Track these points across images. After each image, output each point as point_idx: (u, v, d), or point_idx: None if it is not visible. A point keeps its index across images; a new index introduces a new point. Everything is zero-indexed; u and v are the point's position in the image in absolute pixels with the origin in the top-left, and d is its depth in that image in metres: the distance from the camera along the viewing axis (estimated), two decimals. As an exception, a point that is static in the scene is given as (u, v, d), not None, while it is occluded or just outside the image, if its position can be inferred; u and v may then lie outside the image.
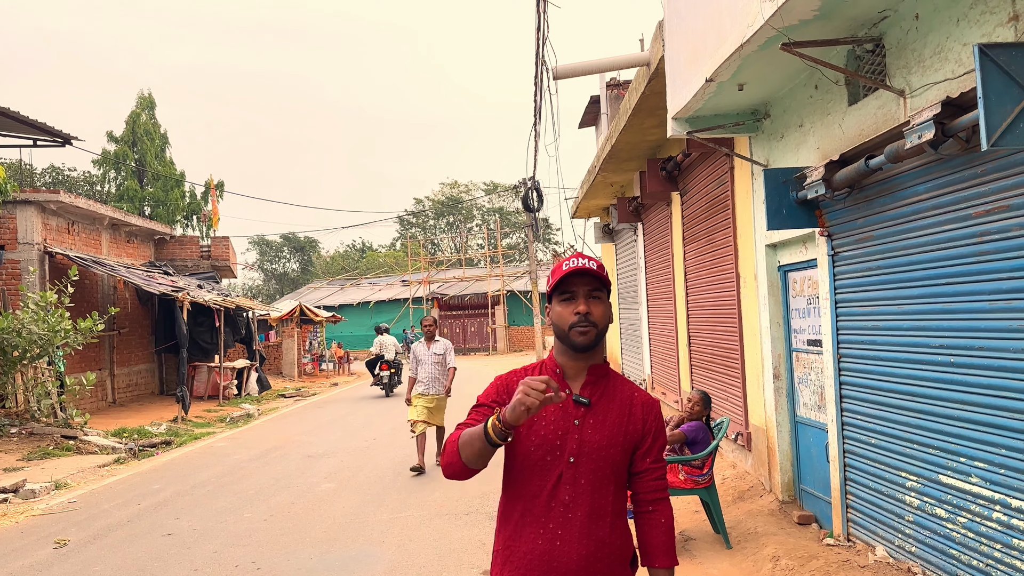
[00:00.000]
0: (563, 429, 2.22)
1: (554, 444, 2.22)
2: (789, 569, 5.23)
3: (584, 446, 2.21)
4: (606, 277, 2.26)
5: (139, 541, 6.99)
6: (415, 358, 9.46)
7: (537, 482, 2.22)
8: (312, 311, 28.55)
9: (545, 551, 2.19)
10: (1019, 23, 3.50)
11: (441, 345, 9.50)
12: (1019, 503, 3.77)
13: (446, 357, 9.48)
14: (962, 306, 4.16)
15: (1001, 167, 3.77)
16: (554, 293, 2.28)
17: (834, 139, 5.36)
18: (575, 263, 2.23)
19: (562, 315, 2.24)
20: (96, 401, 17.15)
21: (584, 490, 2.20)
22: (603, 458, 2.22)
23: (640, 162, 11.40)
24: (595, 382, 2.29)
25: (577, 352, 2.26)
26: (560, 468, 2.20)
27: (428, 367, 9.35)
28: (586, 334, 2.21)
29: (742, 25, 4.61)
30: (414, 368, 9.44)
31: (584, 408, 2.24)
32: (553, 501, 2.20)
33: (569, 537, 2.18)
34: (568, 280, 2.23)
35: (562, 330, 2.25)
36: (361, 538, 6.71)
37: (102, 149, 35.90)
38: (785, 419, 6.80)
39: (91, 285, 17.51)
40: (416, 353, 9.49)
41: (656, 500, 2.34)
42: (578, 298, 2.23)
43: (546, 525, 2.20)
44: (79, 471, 10.45)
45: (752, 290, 7.29)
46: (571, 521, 2.19)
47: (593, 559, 2.19)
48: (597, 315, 2.23)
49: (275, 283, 64.86)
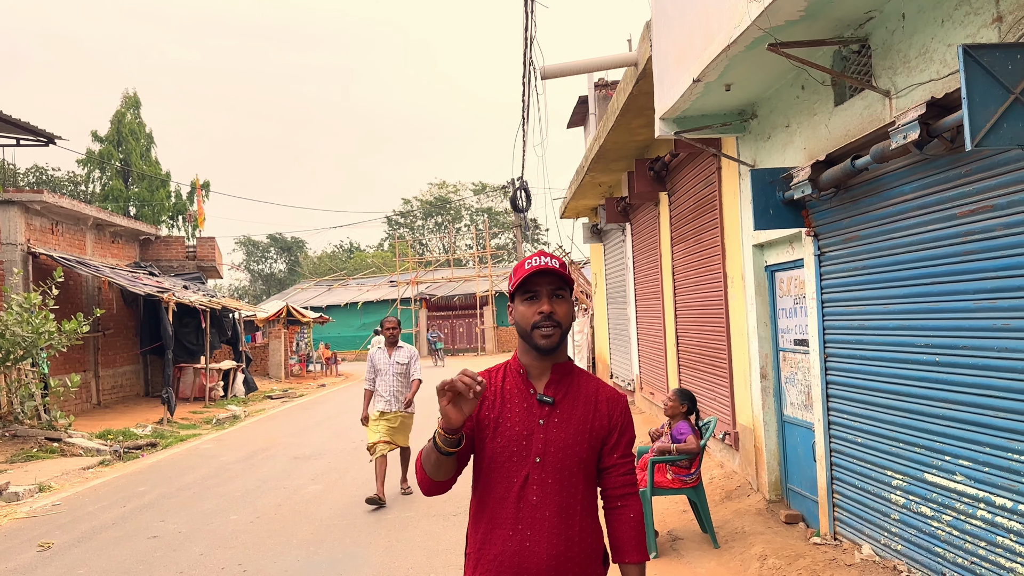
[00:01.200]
0: (528, 429, 2.22)
1: (520, 445, 2.21)
2: (776, 568, 5.25)
3: (550, 445, 2.21)
4: (569, 276, 2.25)
5: (124, 544, 6.93)
6: (373, 367, 8.05)
7: (504, 483, 2.21)
8: (299, 312, 28.44)
9: (515, 552, 2.18)
10: (1003, 24, 3.52)
11: (405, 353, 8.05)
12: (1003, 501, 3.79)
13: (410, 367, 8.05)
14: (947, 305, 4.18)
15: (985, 167, 3.79)
16: (516, 292, 2.26)
17: (820, 139, 5.39)
18: (537, 262, 2.22)
19: (525, 315, 2.23)
20: (81, 403, 17.02)
21: (552, 489, 2.19)
22: (569, 456, 2.21)
23: (628, 162, 11.42)
24: (559, 381, 2.28)
25: (541, 353, 2.25)
26: (527, 469, 2.20)
27: (389, 379, 7.95)
28: (550, 336, 2.21)
29: (729, 25, 4.62)
30: (371, 380, 8.06)
31: (549, 407, 2.24)
32: (521, 502, 2.19)
33: (538, 537, 2.17)
34: (531, 279, 2.22)
35: (525, 330, 2.23)
36: (348, 540, 6.68)
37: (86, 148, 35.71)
38: (772, 419, 6.82)
39: (75, 286, 17.37)
40: (374, 362, 8.05)
41: (625, 495, 2.33)
42: (541, 297, 2.22)
43: (515, 526, 2.19)
44: (63, 473, 10.35)
45: (739, 290, 7.32)
46: (540, 521, 2.18)
47: (563, 558, 2.18)
48: (561, 314, 2.22)
49: (262, 284, 64.59)
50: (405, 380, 8.00)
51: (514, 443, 2.21)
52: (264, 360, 28.30)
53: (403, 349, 8.05)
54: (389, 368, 7.97)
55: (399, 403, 7.92)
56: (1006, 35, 3.50)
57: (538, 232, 53.85)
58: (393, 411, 7.92)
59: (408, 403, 7.93)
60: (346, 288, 46.63)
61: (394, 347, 8.04)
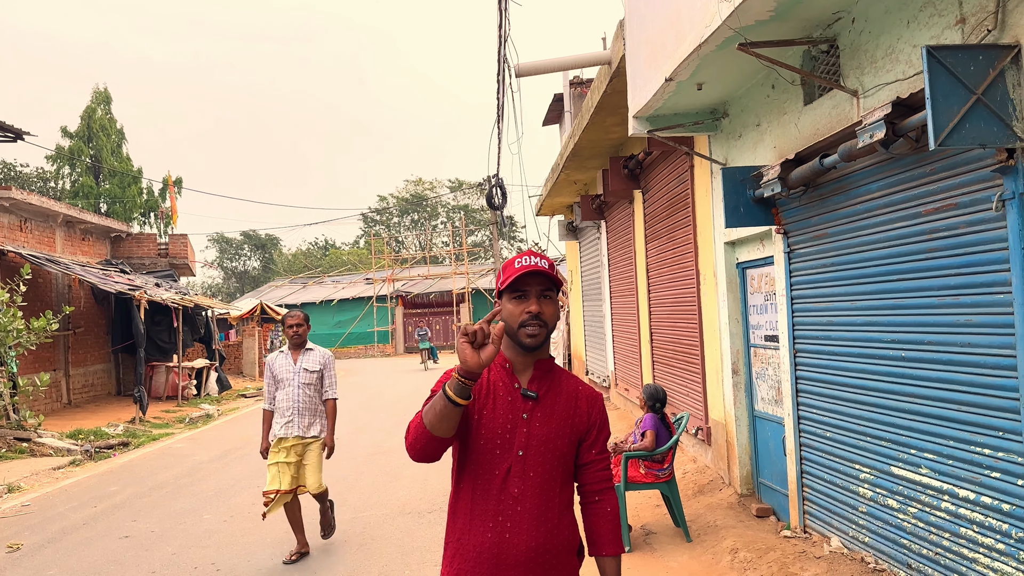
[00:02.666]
0: (512, 423, 2.27)
1: (503, 438, 2.26)
2: (747, 561, 5.32)
3: (532, 439, 2.26)
4: (557, 277, 2.30)
5: (95, 544, 6.87)
6: (272, 377, 6.08)
7: (487, 475, 2.26)
8: (273, 309, 28.24)
9: (494, 543, 2.22)
10: (966, 26, 3.59)
11: (315, 357, 6.14)
12: (966, 492, 3.88)
13: (323, 377, 6.14)
14: (912, 302, 4.26)
15: (949, 166, 3.87)
16: (505, 291, 2.30)
17: (790, 138, 5.46)
18: (528, 262, 2.26)
19: (513, 313, 2.27)
20: (51, 402, 16.79)
21: (533, 483, 2.24)
22: (551, 450, 2.27)
23: (603, 160, 11.47)
24: (542, 376, 2.34)
25: (526, 351, 2.30)
26: (509, 461, 2.25)
27: (293, 392, 6.00)
28: (535, 336, 2.25)
29: (700, 25, 4.67)
30: (270, 394, 6.08)
31: (532, 402, 2.29)
32: (503, 494, 2.24)
33: (518, 529, 2.22)
34: (521, 279, 2.26)
35: (512, 328, 2.28)
36: (322, 539, 6.65)
37: (56, 144, 35.12)
38: (744, 413, 6.90)
39: (45, 284, 17.12)
40: (274, 369, 6.08)
41: (602, 490, 2.39)
42: (530, 297, 2.27)
43: (495, 518, 2.23)
44: (33, 474, 10.22)
45: (712, 287, 7.39)
46: (520, 514, 2.23)
47: (542, 550, 2.24)
48: (548, 314, 2.27)
49: (235, 281, 64.00)
50: (315, 393, 6.11)
51: (497, 435, 2.26)
52: (238, 358, 28.09)
53: (313, 352, 6.17)
54: (294, 377, 6.03)
55: (307, 423, 6.05)
56: (969, 36, 3.57)
57: (515, 230, 53.89)
58: (292, 436, 5.98)
59: (328, 434, 6.15)
60: (321, 286, 46.33)
61: (301, 350, 6.16)
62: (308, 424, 6.05)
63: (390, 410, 15.73)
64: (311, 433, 6.07)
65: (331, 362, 6.26)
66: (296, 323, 6.15)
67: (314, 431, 6.08)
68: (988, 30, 3.45)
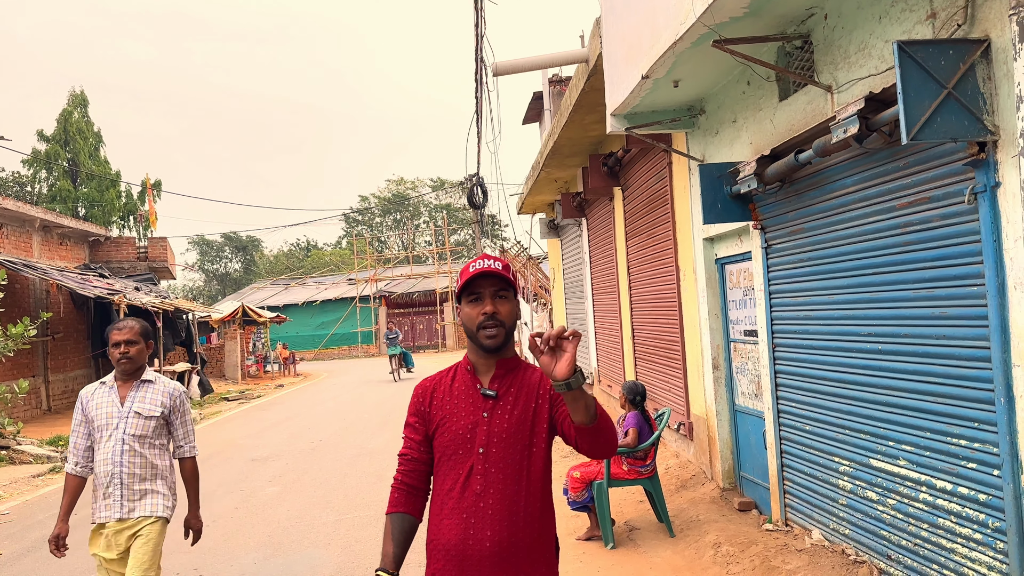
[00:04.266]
0: (472, 422, 2.34)
1: (465, 438, 2.33)
2: (730, 555, 5.35)
3: (492, 436, 2.31)
4: (511, 277, 2.34)
5: (75, 552, 6.75)
6: (85, 421, 4.03)
7: (452, 476, 2.33)
8: (255, 312, 28.09)
9: (460, 540, 2.27)
10: (936, 20, 3.63)
11: (156, 395, 4.04)
12: (944, 484, 3.91)
13: (170, 425, 4.12)
14: (888, 295, 4.30)
15: (921, 160, 3.90)
16: (462, 295, 2.36)
17: (766, 134, 5.49)
18: (480, 264, 2.33)
19: (471, 316, 2.33)
20: (30, 409, 16.61)
21: (495, 479, 2.29)
22: (511, 445, 2.31)
23: (582, 158, 11.48)
24: (503, 375, 2.39)
25: (487, 352, 2.36)
26: (471, 460, 2.31)
27: (116, 448, 3.92)
28: (494, 337, 2.31)
29: (675, 22, 4.68)
30: (81, 451, 4.01)
31: (492, 400, 2.35)
32: (466, 491, 2.29)
33: (481, 525, 2.26)
34: (475, 282, 2.32)
35: (472, 331, 2.34)
36: (306, 541, 6.63)
37: (32, 148, 34.69)
38: (724, 408, 6.94)
39: (22, 290, 16.93)
40: (87, 410, 4.02)
41: None
42: (485, 299, 2.32)
43: (461, 515, 2.29)
44: (11, 482, 10.11)
45: (691, 283, 7.42)
46: (483, 509, 2.27)
47: (507, 544, 2.26)
48: (504, 314, 2.33)
49: (217, 284, 63.54)
50: (155, 452, 4.02)
51: (460, 436, 2.33)
52: (220, 361, 27.88)
53: (153, 387, 4.06)
54: (120, 423, 3.95)
55: (132, 500, 3.93)
56: (939, 31, 3.60)
57: (497, 228, 53.86)
58: (116, 520, 3.92)
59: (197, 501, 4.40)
60: (304, 287, 46.13)
61: (133, 380, 4.05)
62: (137, 497, 3.93)
63: (374, 411, 15.69)
64: (140, 512, 3.93)
65: (183, 402, 4.15)
66: (125, 340, 3.95)
67: (146, 508, 3.95)
68: (958, 24, 3.48)
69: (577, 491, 6.08)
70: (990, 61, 3.36)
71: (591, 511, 6.14)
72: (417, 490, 2.44)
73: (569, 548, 5.90)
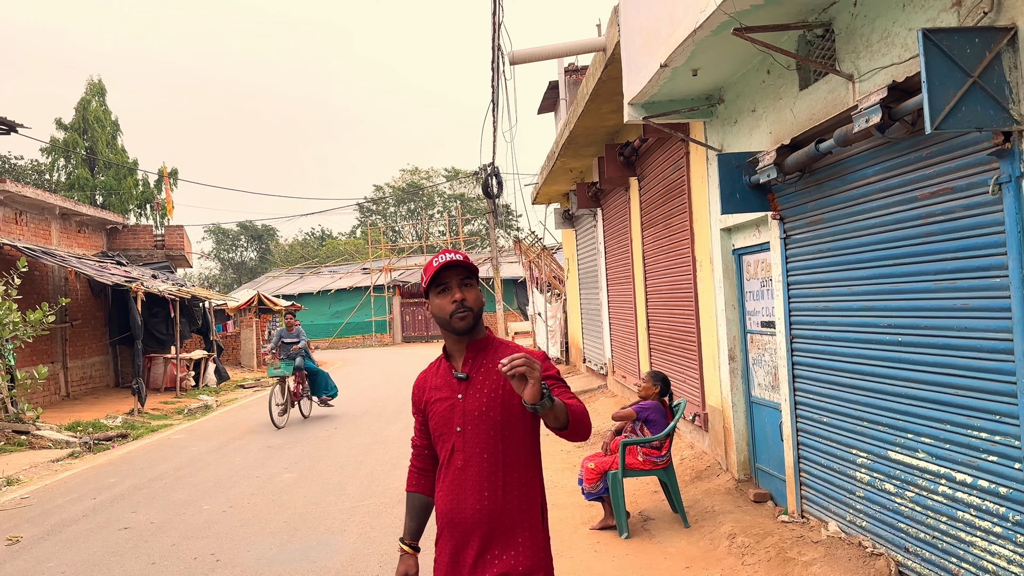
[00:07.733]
0: (451, 404, 2.56)
1: (447, 418, 2.56)
2: (745, 546, 5.34)
3: (467, 415, 2.52)
4: (473, 265, 2.54)
5: (95, 536, 6.88)
6: None
7: (443, 453, 2.58)
8: (271, 300, 28.22)
9: (450, 508, 2.53)
10: (962, 8, 3.58)
11: None
12: (963, 476, 3.89)
13: None
14: (909, 286, 4.26)
15: (945, 150, 3.86)
16: (430, 288, 2.54)
17: (786, 124, 5.44)
18: (444, 258, 2.51)
19: (441, 306, 2.51)
20: (49, 395, 16.78)
21: (473, 452, 2.50)
22: (483, 422, 2.50)
23: (598, 147, 11.44)
24: (473, 357, 2.58)
25: (459, 335, 2.55)
26: (453, 439, 2.53)
27: None
28: (465, 319, 2.50)
29: (695, 10, 4.64)
30: None
31: (464, 383, 2.55)
32: (451, 466, 2.54)
33: (464, 495, 2.49)
34: (441, 274, 2.50)
35: (444, 319, 2.52)
36: (322, 527, 6.68)
37: (50, 137, 34.90)
38: (740, 399, 6.91)
39: (41, 276, 17.07)
40: None
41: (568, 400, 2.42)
42: (452, 288, 2.51)
43: (449, 487, 2.54)
44: (32, 466, 10.23)
45: (708, 273, 7.38)
46: (465, 481, 2.50)
47: (487, 511, 2.47)
48: (471, 300, 2.52)
49: (232, 272, 63.87)
50: None
51: (443, 418, 2.57)
52: (236, 349, 28.06)
53: None
54: None
55: None
56: (965, 19, 3.55)
57: (510, 218, 53.80)
58: None
59: None
60: (318, 276, 46.27)
61: None
62: None
63: (388, 400, 15.75)
64: None
65: None
66: None
67: None
68: (984, 12, 3.43)
69: (592, 482, 6.08)
70: (1016, 49, 3.32)
71: (605, 501, 6.15)
72: (424, 471, 2.76)
73: (583, 537, 5.90)
